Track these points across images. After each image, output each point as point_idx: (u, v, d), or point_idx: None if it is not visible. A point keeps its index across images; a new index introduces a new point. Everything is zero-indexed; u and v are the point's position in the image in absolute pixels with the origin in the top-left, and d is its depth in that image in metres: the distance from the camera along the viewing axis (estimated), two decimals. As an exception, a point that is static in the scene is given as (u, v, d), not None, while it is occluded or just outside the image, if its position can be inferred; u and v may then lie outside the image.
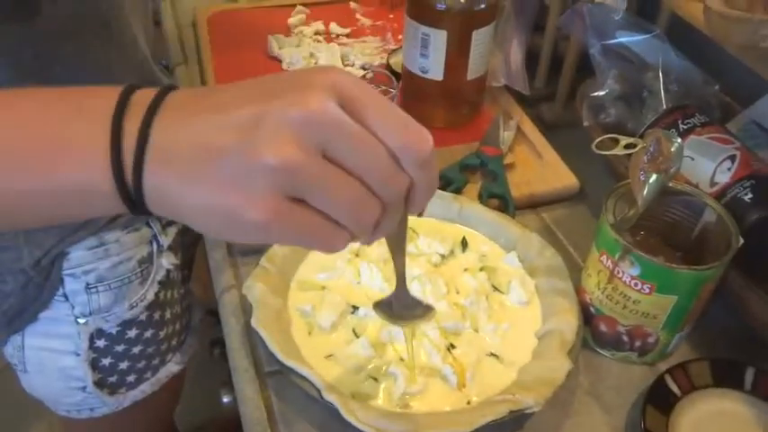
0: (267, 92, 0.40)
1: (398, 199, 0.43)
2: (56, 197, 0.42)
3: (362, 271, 0.76)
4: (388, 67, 1.09)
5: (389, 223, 0.44)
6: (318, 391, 0.63)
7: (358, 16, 1.28)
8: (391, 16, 1.28)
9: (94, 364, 0.92)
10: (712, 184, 0.78)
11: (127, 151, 0.40)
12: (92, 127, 0.41)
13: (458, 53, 0.93)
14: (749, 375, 0.70)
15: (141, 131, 0.40)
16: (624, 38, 0.93)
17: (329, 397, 0.62)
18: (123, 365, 0.94)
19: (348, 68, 1.13)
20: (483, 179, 0.92)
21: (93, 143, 0.41)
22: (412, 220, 0.83)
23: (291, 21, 1.24)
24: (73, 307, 0.87)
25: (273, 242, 0.41)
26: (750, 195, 0.75)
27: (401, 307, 0.62)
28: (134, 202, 0.41)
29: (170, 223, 0.95)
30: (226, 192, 0.39)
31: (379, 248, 0.79)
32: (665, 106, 0.88)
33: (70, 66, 0.73)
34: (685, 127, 0.83)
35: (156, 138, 0.40)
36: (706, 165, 0.79)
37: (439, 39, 0.91)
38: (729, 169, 0.77)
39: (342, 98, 0.40)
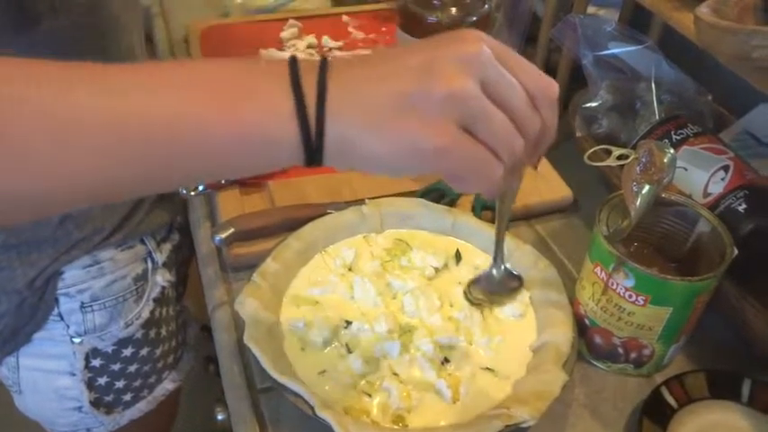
0: (426, 45, 0.47)
1: (534, 135, 0.48)
2: (241, 146, 0.45)
3: (355, 286, 0.76)
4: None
5: (523, 163, 0.52)
6: (312, 407, 0.63)
7: (350, 29, 1.28)
8: (383, 29, 1.28)
9: (90, 384, 0.91)
10: (706, 194, 0.78)
11: (309, 103, 0.44)
12: (271, 84, 0.45)
13: (450, 66, 0.93)
14: (746, 387, 0.69)
15: (319, 86, 0.44)
16: (616, 49, 0.93)
17: (322, 413, 0.62)
18: (119, 384, 0.94)
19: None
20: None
21: (275, 96, 0.44)
22: (406, 234, 0.83)
23: (284, 34, 1.24)
24: (68, 326, 0.87)
25: (444, 170, 0.47)
26: (744, 206, 0.75)
27: (497, 281, 0.68)
28: (313, 152, 0.45)
29: (164, 240, 0.95)
30: (410, 127, 0.44)
31: (372, 263, 0.79)
32: (657, 117, 0.88)
33: None
34: (678, 137, 0.83)
35: (332, 90, 0.44)
36: (699, 175, 0.79)
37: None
38: (723, 179, 0.77)
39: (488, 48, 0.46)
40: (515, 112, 0.46)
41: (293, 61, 0.45)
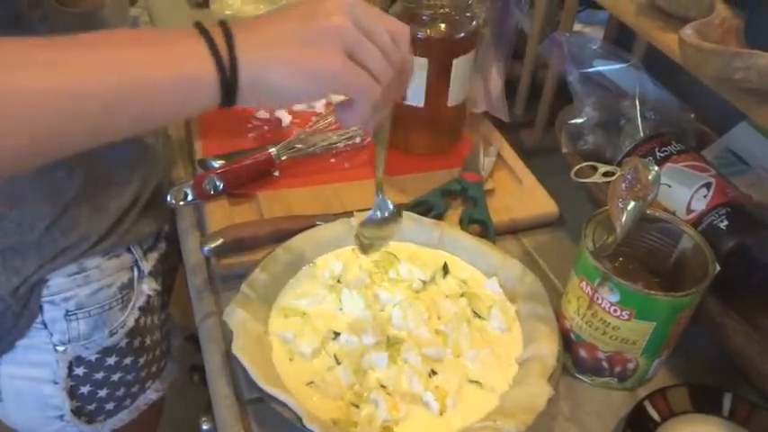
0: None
1: (398, 67, 0.59)
2: (173, 85, 0.53)
3: (344, 298, 0.76)
4: (369, 93, 1.10)
5: (394, 92, 0.61)
6: (300, 418, 0.63)
7: (340, 43, 1.28)
8: (372, 43, 1.29)
9: (73, 393, 0.90)
10: (689, 211, 0.79)
11: (221, 48, 0.53)
12: (186, 40, 0.54)
13: (438, 80, 0.94)
14: (727, 401, 0.70)
15: (225, 35, 0.54)
16: (601, 66, 0.95)
17: (310, 425, 0.62)
18: (102, 393, 0.93)
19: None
20: (464, 205, 0.92)
21: (193, 48, 0.53)
22: (394, 247, 0.83)
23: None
24: (51, 335, 0.86)
25: (337, 90, 0.58)
26: (726, 222, 0.76)
27: (381, 217, 0.74)
28: (230, 88, 0.54)
29: (151, 249, 0.94)
30: (308, 56, 0.55)
31: (360, 275, 0.79)
32: (642, 134, 0.89)
33: None
34: (662, 155, 0.84)
35: (238, 37, 0.54)
36: (683, 192, 0.80)
37: (420, 66, 0.92)
38: (705, 197, 0.79)
39: None
40: (383, 48, 0.58)
41: (196, 23, 0.55)
